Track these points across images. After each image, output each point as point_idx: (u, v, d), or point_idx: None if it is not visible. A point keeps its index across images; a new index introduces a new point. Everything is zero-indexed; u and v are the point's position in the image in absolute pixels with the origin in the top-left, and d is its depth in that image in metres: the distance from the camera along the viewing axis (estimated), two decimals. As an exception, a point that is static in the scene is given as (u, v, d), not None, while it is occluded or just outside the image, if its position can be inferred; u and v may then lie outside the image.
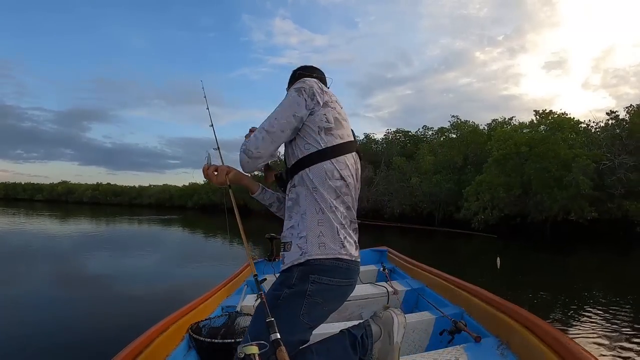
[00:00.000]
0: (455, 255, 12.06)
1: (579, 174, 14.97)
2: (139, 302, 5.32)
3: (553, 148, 16.22)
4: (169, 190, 56.60)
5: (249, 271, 3.40)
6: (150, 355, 1.55)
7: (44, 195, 75.80)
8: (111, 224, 22.74)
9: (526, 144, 16.91)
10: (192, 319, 1.99)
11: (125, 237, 16.24)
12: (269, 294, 1.16)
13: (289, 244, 1.18)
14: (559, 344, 1.33)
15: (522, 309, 1.71)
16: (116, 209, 44.78)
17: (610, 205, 15.13)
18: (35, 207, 44.47)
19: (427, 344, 2.05)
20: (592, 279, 7.98)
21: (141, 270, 8.23)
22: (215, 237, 16.12)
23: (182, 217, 31.75)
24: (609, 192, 15.30)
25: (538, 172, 16.44)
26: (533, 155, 16.62)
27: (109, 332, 4.05)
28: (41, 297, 5.69)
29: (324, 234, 1.15)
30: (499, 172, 17.71)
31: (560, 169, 15.90)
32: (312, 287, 1.12)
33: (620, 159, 15.30)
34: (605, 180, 15.46)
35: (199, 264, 9.31)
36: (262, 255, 3.85)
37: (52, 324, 4.40)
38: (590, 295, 6.25)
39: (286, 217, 1.26)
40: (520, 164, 17.12)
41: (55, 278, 7.24)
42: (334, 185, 1.19)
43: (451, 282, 2.45)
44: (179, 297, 4.85)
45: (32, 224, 20.84)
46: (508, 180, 17.37)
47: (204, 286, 2.51)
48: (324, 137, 1.22)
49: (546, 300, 5.87)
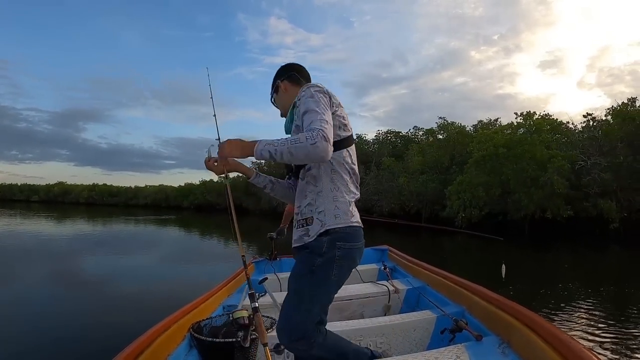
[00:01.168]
0: (441, 250, 12.47)
1: (554, 174, 15.29)
2: (139, 302, 5.21)
3: (529, 149, 16.52)
4: (165, 190, 55.91)
5: (250, 270, 3.35)
6: (151, 354, 1.50)
7: (40, 196, 74.15)
8: (108, 224, 22.33)
9: (504, 145, 17.20)
10: (194, 318, 1.94)
11: (122, 237, 15.95)
12: (303, 265, 1.34)
13: (310, 219, 1.36)
14: (560, 343, 1.30)
15: (523, 308, 1.67)
16: (113, 210, 44.04)
17: (586, 204, 15.44)
18: (32, 208, 43.46)
19: (428, 342, 2.01)
20: (567, 273, 8.11)
21: (141, 270, 8.08)
22: (212, 237, 15.98)
23: (178, 217, 31.36)
24: (585, 191, 15.61)
25: (515, 172, 16.74)
26: (510, 156, 16.92)
27: (109, 331, 3.94)
28: (41, 298, 5.53)
29: (338, 208, 1.35)
30: (479, 173, 17.98)
31: (537, 169, 16.20)
32: (339, 252, 1.31)
33: (593, 160, 15.63)
34: (582, 180, 15.77)
35: (198, 263, 9.18)
36: (256, 253, 3.81)
37: (52, 324, 4.27)
38: (564, 288, 6.37)
39: (300, 196, 1.43)
40: (499, 164, 17.39)
41: (54, 279, 7.05)
42: (348, 169, 1.41)
43: (452, 280, 2.39)
44: (179, 297, 4.76)
45: (29, 225, 20.34)
46: (487, 180, 17.64)
47: (203, 286, 2.46)
48: (341, 131, 1.40)
49: (523, 293, 5.95)
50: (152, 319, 1.79)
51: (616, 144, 15.69)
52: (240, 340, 1.78)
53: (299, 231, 1.39)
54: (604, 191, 15.20)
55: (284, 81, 1.59)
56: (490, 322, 1.79)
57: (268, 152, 1.24)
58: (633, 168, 14.82)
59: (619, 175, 15.17)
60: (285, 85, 1.59)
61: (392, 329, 1.99)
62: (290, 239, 1.50)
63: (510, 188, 17.23)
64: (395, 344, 1.98)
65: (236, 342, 1.74)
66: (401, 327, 2.01)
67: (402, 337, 1.99)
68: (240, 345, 1.74)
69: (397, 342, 1.98)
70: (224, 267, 7.73)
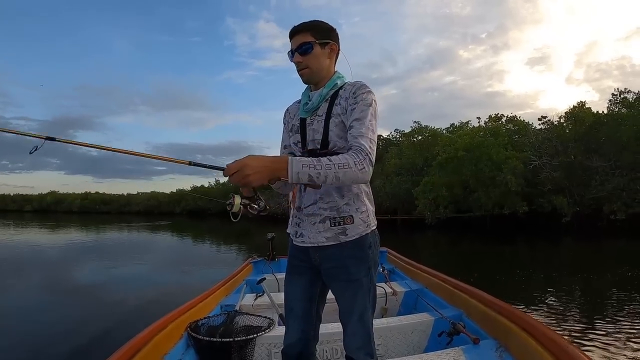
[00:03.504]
0: (415, 244, 12.83)
1: (508, 174, 15.80)
2: (134, 306, 4.90)
3: (486, 152, 17.06)
4: (157, 197, 54.18)
5: (248, 270, 3.23)
6: (148, 353, 1.43)
7: (34, 206, 70.39)
8: (102, 232, 21.35)
9: (464, 148, 17.68)
10: (191, 317, 1.86)
11: (117, 244, 15.21)
12: (355, 268, 1.14)
13: (349, 218, 1.15)
14: (557, 347, 1.24)
15: (520, 312, 1.60)
16: (106, 217, 42.23)
17: (541, 200, 16.01)
18: (25, 218, 41.19)
19: (426, 345, 1.91)
20: (522, 263, 8.39)
21: (136, 276, 7.67)
22: (205, 241, 15.56)
23: (171, 223, 30.39)
24: (540, 189, 16.19)
25: (474, 173, 17.27)
26: (470, 158, 17.42)
27: (106, 331, 3.74)
28: (37, 304, 5.18)
29: (371, 209, 1.21)
30: (442, 174, 18.42)
31: (494, 169, 16.72)
32: (375, 251, 1.20)
33: (542, 160, 16.27)
34: (537, 178, 16.37)
35: (194, 268, 8.77)
36: (247, 254, 3.71)
37: (49, 326, 4.01)
38: (520, 275, 6.60)
39: (328, 191, 1.15)
40: (460, 166, 17.86)
41: (48, 285, 6.62)
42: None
43: (450, 283, 2.28)
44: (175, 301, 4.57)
45: (23, 234, 19.23)
46: (450, 181, 18.10)
47: (200, 290, 2.35)
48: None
49: (483, 280, 6.07)
50: (149, 318, 1.71)
51: (568, 144, 16.37)
52: (238, 340, 1.71)
53: (332, 229, 1.14)
54: (558, 188, 15.80)
55: (334, 45, 1.20)
56: (488, 326, 1.71)
57: (308, 175, 0.97)
58: (584, 166, 15.46)
59: (571, 173, 15.83)
60: (334, 51, 1.20)
61: (389, 331, 1.89)
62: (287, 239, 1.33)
63: (470, 187, 17.72)
64: (392, 346, 1.88)
65: (233, 341, 1.67)
66: (399, 329, 1.90)
67: (399, 339, 1.90)
68: (237, 344, 1.68)
69: (395, 344, 1.88)
70: (221, 271, 7.52)
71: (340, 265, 1.14)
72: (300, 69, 1.18)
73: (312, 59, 1.16)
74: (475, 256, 9.99)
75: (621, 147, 14.67)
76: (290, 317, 1.24)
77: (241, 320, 1.90)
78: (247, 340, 1.70)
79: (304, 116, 1.23)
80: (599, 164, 15.03)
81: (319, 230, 1.15)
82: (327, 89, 1.19)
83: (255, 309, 2.25)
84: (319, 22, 1.19)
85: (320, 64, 1.17)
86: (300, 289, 1.24)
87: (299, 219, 1.21)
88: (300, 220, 1.21)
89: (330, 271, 1.17)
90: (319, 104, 1.19)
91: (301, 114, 1.24)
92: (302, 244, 1.19)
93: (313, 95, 1.22)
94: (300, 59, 1.16)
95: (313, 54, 1.15)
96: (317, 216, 1.16)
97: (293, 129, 1.28)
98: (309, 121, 1.21)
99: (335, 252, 1.14)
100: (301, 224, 1.20)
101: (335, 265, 1.15)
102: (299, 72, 1.19)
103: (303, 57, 1.16)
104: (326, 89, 1.19)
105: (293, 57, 1.18)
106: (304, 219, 1.19)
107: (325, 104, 1.19)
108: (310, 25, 1.17)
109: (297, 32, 1.16)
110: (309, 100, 1.22)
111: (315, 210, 1.16)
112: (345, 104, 1.15)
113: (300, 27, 1.16)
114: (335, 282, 1.17)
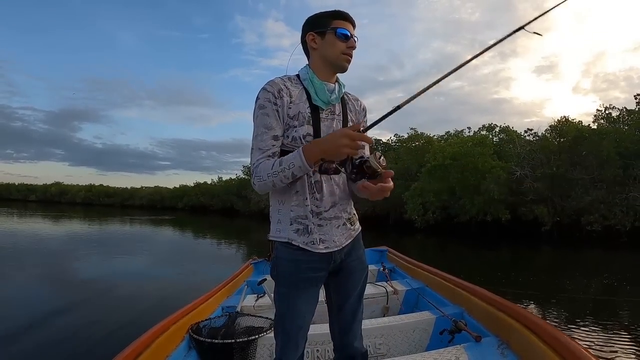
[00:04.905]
0: (404, 246, 12.73)
1: (492, 183, 16.05)
2: (137, 302, 4.75)
3: (472, 161, 17.31)
4: (161, 191, 53.70)
5: (249, 271, 3.12)
6: (150, 355, 1.36)
7: (38, 196, 69.39)
8: (105, 224, 21.05)
9: (451, 157, 17.88)
10: (193, 319, 1.78)
11: (120, 237, 14.95)
12: (364, 269, 1.23)
13: (354, 214, 1.20)
14: (559, 344, 1.20)
15: (522, 309, 1.54)
16: (109, 210, 41.70)
17: (523, 209, 16.16)
18: (29, 207, 40.52)
19: (428, 343, 1.85)
20: (502, 266, 8.53)
21: (139, 270, 7.50)
22: (206, 237, 15.40)
23: (174, 217, 30.04)
24: (522, 198, 16.34)
25: (460, 180, 17.51)
26: (456, 167, 17.64)
27: (108, 332, 3.58)
28: (38, 298, 5.01)
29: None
30: (431, 181, 18.62)
31: (479, 178, 16.94)
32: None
33: (524, 171, 16.43)
34: (521, 188, 16.53)
35: (195, 263, 8.64)
36: (247, 252, 3.62)
37: (50, 324, 3.85)
38: (499, 277, 6.70)
39: (343, 195, 1.12)
40: (447, 173, 18.09)
41: (52, 279, 6.42)
42: None
43: (451, 281, 2.21)
44: (178, 296, 4.44)
45: (27, 224, 18.89)
46: (437, 187, 18.28)
47: (202, 286, 2.28)
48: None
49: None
50: (151, 320, 1.63)
51: (551, 156, 16.55)
52: (240, 341, 1.65)
53: (350, 228, 1.14)
54: (540, 198, 15.96)
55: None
56: (490, 323, 1.66)
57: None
58: (566, 178, 15.62)
59: (553, 184, 15.99)
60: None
61: (391, 330, 1.83)
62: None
63: (456, 194, 17.91)
64: (394, 345, 1.82)
65: (235, 343, 1.62)
66: (400, 328, 1.85)
67: (401, 338, 1.84)
68: (239, 346, 1.62)
69: (396, 343, 1.83)
70: (222, 267, 7.38)
71: (358, 256, 1.19)
72: (351, 56, 1.09)
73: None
74: (460, 259, 10.13)
75: (602, 161, 14.83)
76: (300, 336, 1.09)
77: (243, 321, 1.84)
78: (248, 342, 1.64)
79: (322, 106, 1.05)
80: (580, 177, 15.18)
81: (342, 233, 1.11)
82: (343, 87, 1.11)
83: (256, 310, 2.19)
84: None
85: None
86: (313, 307, 1.11)
87: (318, 225, 1.06)
88: (320, 226, 1.06)
89: (351, 264, 1.16)
90: (338, 100, 1.10)
91: (319, 101, 1.04)
92: (326, 250, 1.07)
93: (331, 87, 1.07)
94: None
95: None
96: (339, 219, 1.11)
97: (300, 118, 1.02)
98: (323, 115, 1.06)
99: (353, 247, 1.17)
100: (322, 228, 1.07)
101: (355, 257, 1.18)
102: (350, 57, 1.08)
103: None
104: (341, 87, 1.11)
105: (351, 42, 1.06)
106: (325, 223, 1.07)
107: (338, 103, 1.11)
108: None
109: (353, 22, 1.09)
110: (329, 91, 1.06)
111: (337, 213, 1.09)
112: (355, 116, 1.15)
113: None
114: (354, 273, 1.18)
